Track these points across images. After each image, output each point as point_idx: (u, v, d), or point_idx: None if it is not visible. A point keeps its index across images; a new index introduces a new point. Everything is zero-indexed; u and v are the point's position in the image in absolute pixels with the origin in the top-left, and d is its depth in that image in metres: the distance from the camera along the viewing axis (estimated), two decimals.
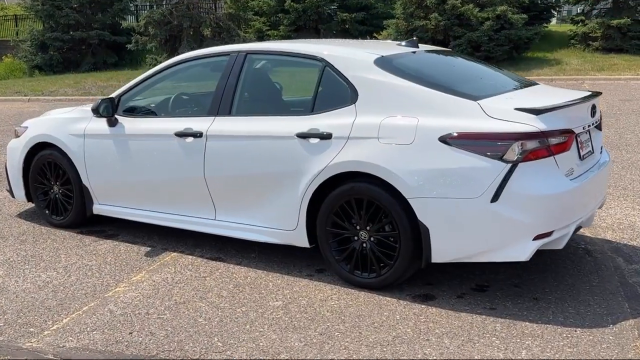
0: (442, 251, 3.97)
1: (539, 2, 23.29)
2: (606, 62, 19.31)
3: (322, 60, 4.51)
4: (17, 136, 6.10)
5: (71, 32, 23.95)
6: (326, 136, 4.27)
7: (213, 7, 22.36)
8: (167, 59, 19.93)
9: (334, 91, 4.49)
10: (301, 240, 4.52)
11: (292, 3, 21.86)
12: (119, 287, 4.50)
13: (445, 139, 3.89)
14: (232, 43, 19.38)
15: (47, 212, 5.98)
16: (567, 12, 32.59)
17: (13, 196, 6.22)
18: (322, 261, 4.66)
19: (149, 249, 5.28)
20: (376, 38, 23.52)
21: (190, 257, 5.08)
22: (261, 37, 22.42)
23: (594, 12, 22.77)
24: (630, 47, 20.57)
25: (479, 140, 3.82)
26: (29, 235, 5.69)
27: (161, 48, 20.90)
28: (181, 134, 4.92)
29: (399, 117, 4.09)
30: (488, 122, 3.85)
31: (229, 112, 4.82)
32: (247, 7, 22.67)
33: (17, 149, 6.01)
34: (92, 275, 4.74)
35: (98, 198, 5.59)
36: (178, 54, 19.62)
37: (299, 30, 22.67)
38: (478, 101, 4.00)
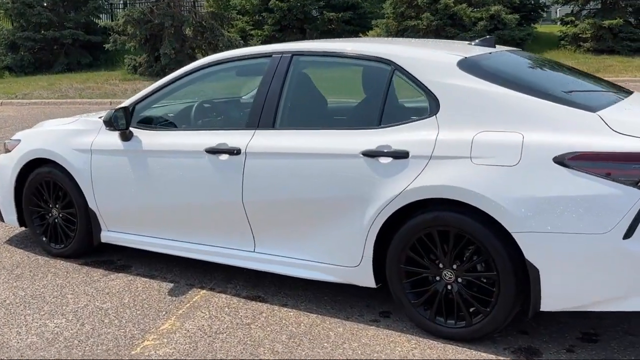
0: (555, 298, 3.25)
1: (528, 2, 22.80)
2: (600, 64, 18.89)
3: (390, 62, 3.75)
4: (8, 151, 5.23)
5: (43, 32, 22.82)
6: (401, 155, 3.52)
7: (194, 6, 21.43)
8: (146, 60, 19.08)
9: (407, 100, 3.73)
10: (365, 278, 3.76)
11: (276, 2, 21.08)
12: (147, 340, 3.69)
13: (562, 160, 3.16)
14: (216, 43, 18.52)
15: (44, 239, 5.12)
16: (547, 14, 32.16)
17: (2, 220, 5.33)
18: (384, 301, 3.94)
19: (171, 285, 4.47)
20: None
21: (223, 295, 4.27)
22: (244, 37, 21.57)
23: (584, 12, 22.39)
24: (622, 48, 20.20)
25: (607, 161, 3.10)
26: (25, 268, 4.83)
27: (141, 48, 19.94)
28: (214, 151, 4.12)
29: (497, 132, 3.34)
30: (615, 139, 3.13)
31: (272, 125, 4.03)
32: (228, 6, 21.79)
33: (7, 166, 5.14)
34: (110, 323, 3.91)
35: (107, 224, 4.75)
36: (159, 55, 18.76)
37: (284, 30, 21.89)
38: (597, 112, 3.27)
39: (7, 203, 5.21)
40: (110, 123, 4.40)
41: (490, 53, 4.03)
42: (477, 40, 4.23)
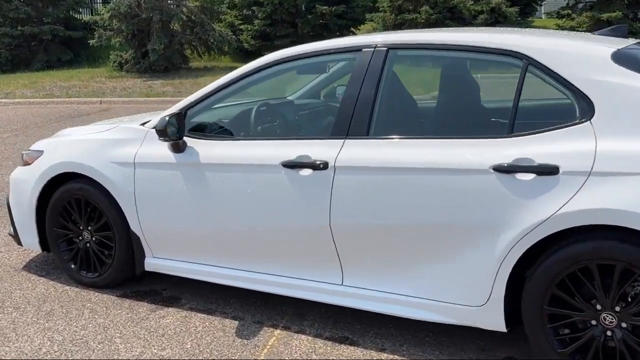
0: None
1: None
2: None
3: (523, 56, 3.08)
4: (27, 163, 4.45)
5: (20, 27, 21.72)
6: (548, 170, 2.85)
7: None
8: (133, 56, 18.13)
9: (548, 102, 3.07)
10: (492, 320, 3.09)
11: None
12: None
13: None
14: (207, 38, 17.67)
15: (73, 266, 4.36)
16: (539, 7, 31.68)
17: (20, 243, 4.57)
18: (502, 343, 3.28)
19: (235, 322, 3.75)
20: (354, 33, 22.12)
21: (303, 337, 3.58)
22: (234, 32, 20.72)
23: (580, 5, 21.97)
24: None
25: None
26: (54, 303, 4.07)
27: (127, 44, 19.01)
28: (293, 165, 3.41)
29: None
30: None
31: (366, 133, 3.33)
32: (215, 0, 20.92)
33: (27, 182, 4.37)
34: None
35: (153, 250, 4.01)
36: (146, 51, 17.84)
37: (275, 25, 21.10)
38: None
39: (27, 224, 4.44)
40: (165, 132, 3.65)
41: (639, 44, 3.37)
42: (604, 30, 3.56)
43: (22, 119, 12.36)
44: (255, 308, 3.94)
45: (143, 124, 4.13)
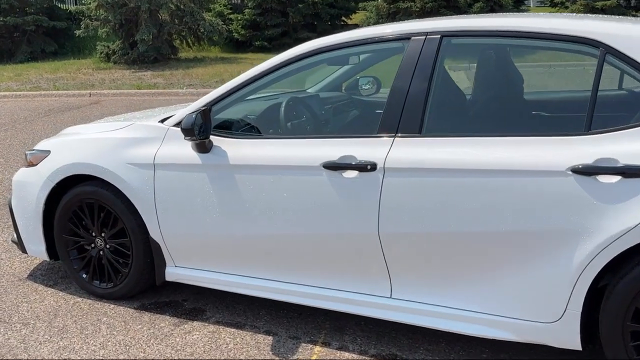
0: None
1: None
2: None
3: (599, 44, 2.76)
4: (31, 164, 4.07)
5: (2, 18, 21.12)
6: (635, 172, 2.52)
7: None
8: (120, 47, 17.64)
9: (629, 94, 2.75)
10: (566, 338, 2.79)
11: None
12: None
13: None
14: (197, 28, 17.22)
15: (84, 276, 3.99)
16: None
17: (24, 251, 4.19)
18: None
19: (269, 338, 3.42)
20: (346, 23, 21.76)
21: (347, 354, 3.26)
22: (223, 22, 20.28)
23: None
24: None
25: None
26: (67, 318, 3.72)
27: (114, 34, 18.52)
28: (335, 166, 3.07)
29: None
30: None
31: (418, 130, 3.00)
32: None
33: (32, 184, 3.99)
34: None
35: (175, 258, 3.66)
36: (134, 41, 17.37)
37: (265, 14, 20.69)
38: None
39: (32, 230, 4.07)
40: (192, 131, 3.30)
41: None
42: None
43: (9, 113, 11.90)
44: (288, 321, 3.61)
45: (162, 121, 3.77)
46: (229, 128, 3.61)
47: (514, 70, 3.34)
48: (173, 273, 3.75)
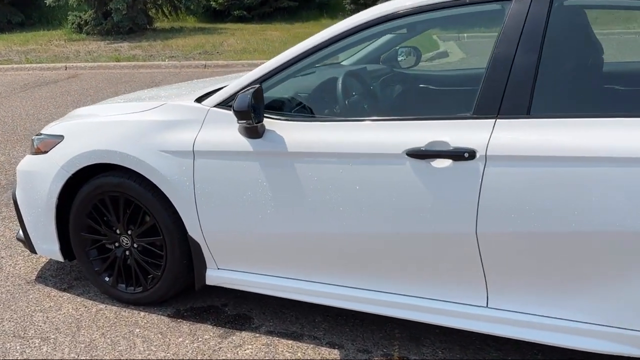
0: None
1: None
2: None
3: None
4: (40, 152, 3.50)
5: None
6: None
7: None
8: (93, 17, 16.78)
9: None
10: None
11: None
12: None
13: None
14: None
15: (106, 279, 3.46)
16: None
17: (33, 250, 3.64)
18: None
19: (335, 352, 2.97)
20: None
21: None
22: None
23: None
24: None
25: None
26: (91, 329, 3.21)
27: (86, 3, 17.61)
28: (422, 154, 2.58)
29: None
30: None
31: (526, 111, 2.54)
32: None
33: (42, 174, 3.44)
34: None
35: (218, 260, 3.16)
36: (107, 11, 16.50)
37: None
38: None
39: (43, 227, 3.52)
40: (248, 113, 2.78)
41: None
42: None
43: None
44: (352, 330, 3.15)
45: (199, 99, 3.23)
46: (281, 109, 3.09)
47: None
48: (215, 276, 3.25)
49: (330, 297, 3.00)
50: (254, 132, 2.93)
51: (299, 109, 3.16)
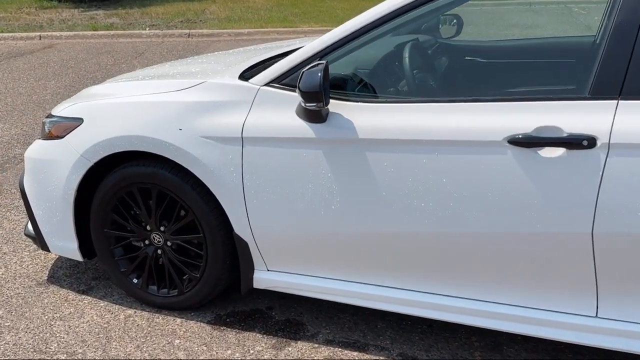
0: None
1: None
2: None
3: None
4: (54, 136, 3.04)
5: None
6: None
7: None
8: None
9: None
10: None
11: None
12: None
13: None
14: None
15: (135, 280, 3.03)
16: None
17: (45, 248, 3.20)
18: None
19: None
20: None
21: None
22: None
23: None
24: None
25: None
26: (124, 341, 2.81)
27: None
28: (527, 141, 2.20)
29: None
30: None
31: None
32: None
33: (58, 163, 2.99)
34: None
35: (268, 261, 2.76)
36: None
37: None
38: None
39: (58, 223, 3.08)
40: (319, 95, 2.36)
41: None
42: None
43: None
44: (422, 339, 2.79)
45: (244, 76, 2.79)
46: (344, 88, 2.67)
47: None
48: (264, 279, 2.84)
49: (406, 305, 2.65)
50: (317, 115, 2.51)
51: (364, 88, 2.75)
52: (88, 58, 10.18)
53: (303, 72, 2.42)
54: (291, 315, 3.00)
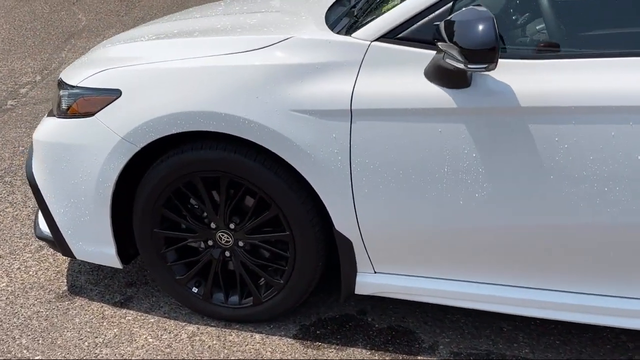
0: None
1: None
2: None
3: None
4: (78, 113, 2.34)
5: None
6: None
7: None
8: None
9: None
10: None
11: None
12: None
13: None
14: None
15: (194, 290, 2.42)
16: None
17: (68, 253, 2.55)
18: None
19: None
20: None
21: None
22: None
23: None
24: None
25: None
26: None
27: None
28: None
29: None
30: None
31: None
32: None
33: (88, 148, 2.35)
34: None
35: (376, 262, 2.24)
36: None
37: None
38: None
39: (88, 222, 2.45)
40: (492, 54, 1.77)
41: None
42: None
43: None
44: (564, 343, 2.36)
45: (347, 30, 2.16)
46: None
47: None
48: (370, 283, 2.30)
49: (555, 309, 2.14)
50: (460, 78, 1.92)
51: (517, 40, 2.19)
52: (19, 6, 9.05)
53: (454, 21, 1.82)
54: (393, 321, 2.47)
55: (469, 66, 1.82)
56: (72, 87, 2.43)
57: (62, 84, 2.50)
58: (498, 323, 2.45)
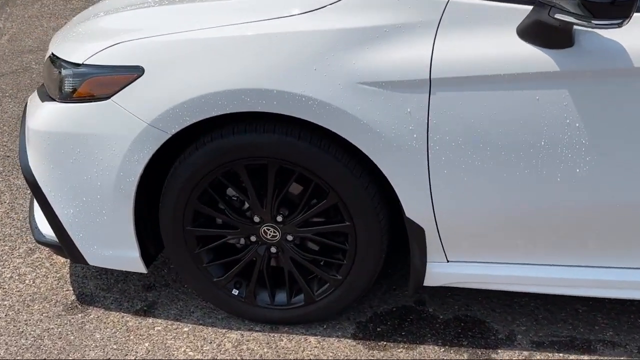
0: None
1: None
2: None
3: None
4: (88, 96, 1.96)
5: None
6: None
7: None
8: None
9: None
10: None
11: None
12: None
13: None
14: None
15: (235, 292, 2.12)
16: None
17: (78, 259, 2.20)
18: None
19: None
20: None
21: None
22: None
23: None
24: None
25: None
26: None
27: None
28: None
29: None
30: None
31: None
32: None
33: (106, 137, 2.01)
34: None
35: (450, 250, 2.01)
36: None
37: None
38: None
39: (106, 223, 2.11)
40: (624, 6, 1.50)
41: None
42: None
43: None
44: None
45: None
46: None
47: None
48: (442, 274, 2.05)
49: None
50: (564, 36, 1.65)
51: None
52: None
53: None
54: (457, 311, 2.23)
55: (594, 22, 1.54)
56: (77, 65, 2.03)
57: (59, 62, 2.10)
58: (572, 304, 2.25)
